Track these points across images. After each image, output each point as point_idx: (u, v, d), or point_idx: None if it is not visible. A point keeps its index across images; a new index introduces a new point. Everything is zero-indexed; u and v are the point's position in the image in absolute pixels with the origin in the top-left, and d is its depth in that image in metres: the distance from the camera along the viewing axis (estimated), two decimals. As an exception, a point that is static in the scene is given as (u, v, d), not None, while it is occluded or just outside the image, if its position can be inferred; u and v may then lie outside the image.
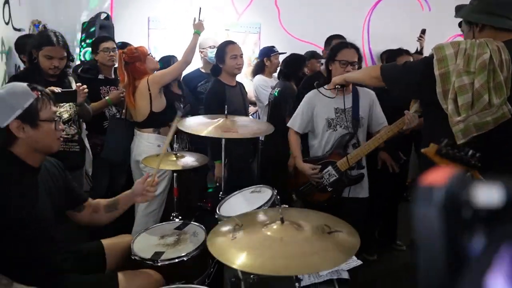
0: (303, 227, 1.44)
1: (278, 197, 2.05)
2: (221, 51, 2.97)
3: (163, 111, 2.87)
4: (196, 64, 3.76)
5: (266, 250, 1.32)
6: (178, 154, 2.50)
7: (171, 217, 2.36)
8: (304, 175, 2.52)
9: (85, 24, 3.91)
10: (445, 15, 3.45)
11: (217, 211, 2.09)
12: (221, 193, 2.39)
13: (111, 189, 3.22)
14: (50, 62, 2.50)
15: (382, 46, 4.85)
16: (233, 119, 2.37)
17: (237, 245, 1.38)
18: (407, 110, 2.29)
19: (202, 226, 2.16)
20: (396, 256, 3.30)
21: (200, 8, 2.98)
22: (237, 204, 2.14)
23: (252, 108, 3.97)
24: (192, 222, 2.21)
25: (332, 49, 2.58)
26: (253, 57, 4.42)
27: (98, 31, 3.78)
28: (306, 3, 4.71)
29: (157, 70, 2.98)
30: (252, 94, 3.79)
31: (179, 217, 2.38)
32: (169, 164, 2.42)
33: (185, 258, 1.88)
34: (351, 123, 2.48)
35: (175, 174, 2.47)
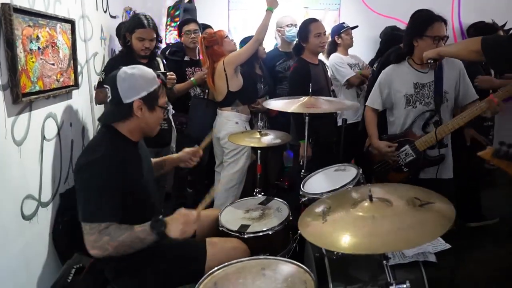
0: (393, 203, 1.40)
1: (363, 175, 2.03)
2: (305, 29, 2.94)
3: (240, 90, 2.95)
4: (271, 43, 3.77)
5: (359, 230, 1.31)
6: (262, 132, 2.57)
7: (254, 193, 2.45)
8: (379, 153, 2.44)
9: (170, 8, 4.09)
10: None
11: (301, 187, 2.13)
12: (302, 171, 2.42)
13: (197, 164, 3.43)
14: (142, 43, 2.70)
15: (475, 18, 4.47)
16: (317, 98, 2.36)
17: (330, 227, 1.38)
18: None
19: (285, 202, 2.22)
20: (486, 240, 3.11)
21: None
22: (321, 182, 2.16)
23: None
24: (276, 198, 2.28)
25: (420, 22, 2.37)
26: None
27: (182, 14, 3.94)
28: (389, -26, 4.46)
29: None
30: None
31: (262, 193, 2.46)
32: (253, 141, 2.50)
33: (270, 232, 1.96)
34: (432, 99, 2.34)
35: (259, 152, 2.54)
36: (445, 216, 1.29)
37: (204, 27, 3.73)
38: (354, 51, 3.81)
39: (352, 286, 1.69)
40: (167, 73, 2.74)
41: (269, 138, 2.53)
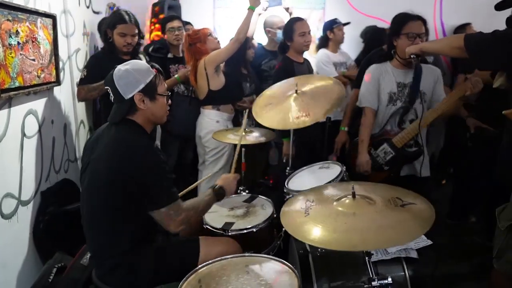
0: (375, 201, 1.43)
1: (347, 173, 2.05)
2: (289, 29, 2.95)
3: (221, 89, 2.95)
4: (264, 41, 3.77)
5: (340, 226, 1.33)
6: (246, 129, 2.56)
7: (238, 191, 2.44)
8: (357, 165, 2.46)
9: (155, 5, 4.05)
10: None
11: (286, 185, 2.13)
12: (288, 168, 2.43)
13: (179, 162, 3.42)
14: (124, 39, 2.68)
15: (457, 19, 4.55)
16: (304, 92, 2.33)
17: (311, 221, 1.40)
18: (470, 75, 2.20)
19: (270, 200, 2.22)
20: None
21: None
22: (305, 180, 2.17)
23: None
24: (260, 196, 2.28)
25: (397, 23, 2.43)
26: (317, 34, 4.33)
27: (166, 11, 3.90)
28: (374, -26, 4.50)
29: None
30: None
31: (246, 191, 2.45)
32: (237, 139, 2.49)
33: (254, 230, 1.96)
34: (408, 96, 2.40)
35: (243, 149, 2.54)
36: (424, 218, 1.32)
37: (186, 23, 3.71)
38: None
39: (335, 282, 1.71)
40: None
41: (254, 136, 2.53)
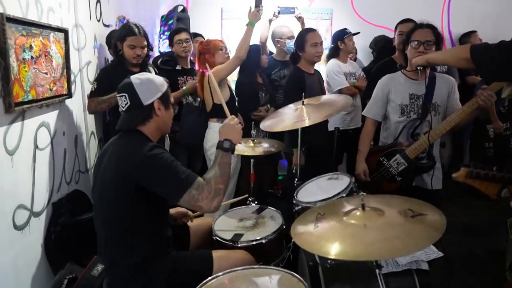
0: (385, 213, 1.42)
1: (356, 184, 2.04)
2: (301, 39, 2.96)
3: (226, 103, 2.94)
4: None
5: (350, 238, 1.32)
6: (255, 140, 2.58)
7: (247, 202, 2.45)
8: (372, 164, 2.47)
9: (163, 17, 4.11)
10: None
11: (295, 196, 2.13)
12: (296, 179, 2.43)
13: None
14: (133, 51, 2.72)
15: (464, 28, 4.55)
16: (310, 103, 2.36)
17: (321, 234, 1.39)
18: (483, 88, 2.18)
19: (279, 211, 2.22)
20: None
21: None
22: (314, 191, 2.16)
23: None
24: (269, 207, 2.28)
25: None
26: (324, 44, 4.35)
27: (175, 23, 3.96)
28: (381, -16, 4.53)
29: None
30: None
31: (255, 201, 2.46)
32: (247, 150, 2.51)
33: (263, 241, 1.96)
34: (421, 109, 2.39)
35: (252, 160, 2.55)
36: (435, 228, 1.31)
37: (195, 35, 3.76)
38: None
39: (346, 294, 1.70)
40: None
41: (263, 147, 2.54)
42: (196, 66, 3.11)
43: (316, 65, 3.25)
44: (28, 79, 1.95)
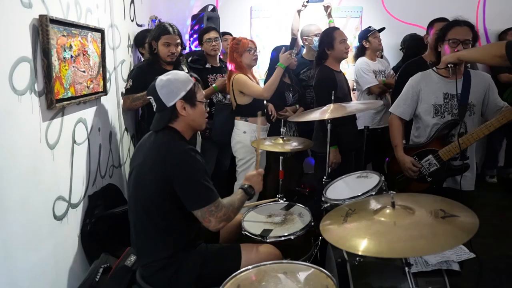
0: (415, 212, 1.41)
1: (385, 183, 2.03)
2: (329, 37, 2.95)
3: (247, 105, 3.01)
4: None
5: (378, 235, 1.32)
6: (285, 138, 2.61)
7: (277, 198, 2.47)
8: (401, 166, 2.41)
9: (194, 17, 4.18)
10: None
11: (324, 194, 2.14)
12: (325, 177, 2.43)
13: (218, 168, 3.50)
14: (168, 49, 2.80)
15: (500, 25, 4.41)
16: (342, 105, 2.38)
17: (350, 230, 1.40)
18: None
19: (307, 208, 2.24)
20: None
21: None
22: (343, 189, 2.16)
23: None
24: (298, 204, 2.30)
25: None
26: (354, 43, 4.32)
27: (206, 22, 4.02)
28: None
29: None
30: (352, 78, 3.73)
31: (283, 198, 2.48)
32: (276, 147, 2.54)
33: (292, 237, 1.98)
34: (457, 109, 2.30)
35: (281, 158, 2.57)
36: (464, 230, 1.29)
37: (224, 34, 3.82)
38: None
39: (374, 292, 1.70)
40: None
41: (292, 145, 2.56)
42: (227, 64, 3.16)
43: (344, 64, 3.24)
44: (68, 77, 2.05)
